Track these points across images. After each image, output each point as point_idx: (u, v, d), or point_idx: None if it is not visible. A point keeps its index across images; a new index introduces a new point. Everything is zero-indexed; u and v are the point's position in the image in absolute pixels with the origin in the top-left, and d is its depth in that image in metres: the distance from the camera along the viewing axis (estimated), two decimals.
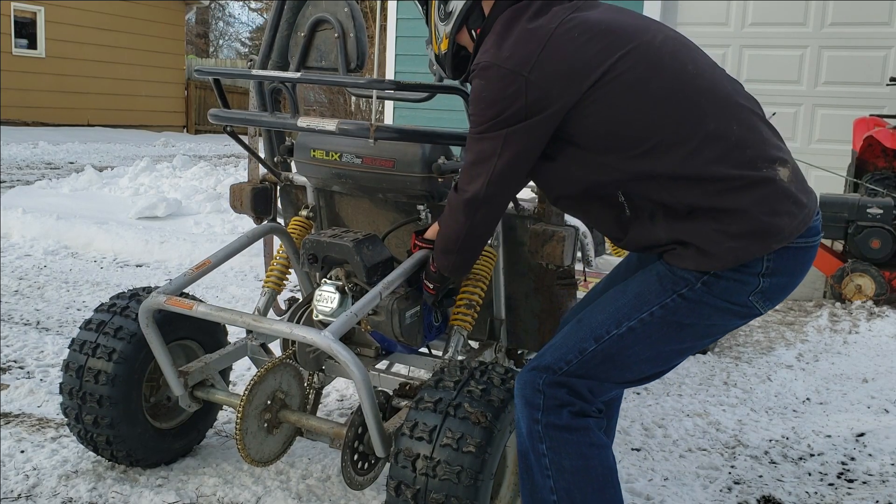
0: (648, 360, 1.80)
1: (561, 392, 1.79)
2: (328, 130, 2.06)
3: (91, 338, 2.39)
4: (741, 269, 1.69)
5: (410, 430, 1.88)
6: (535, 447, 1.81)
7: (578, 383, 1.79)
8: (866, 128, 5.70)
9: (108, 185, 8.01)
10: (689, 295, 1.73)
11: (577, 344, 1.80)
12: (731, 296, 1.72)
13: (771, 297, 1.75)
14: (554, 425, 1.78)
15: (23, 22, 16.11)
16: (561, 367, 1.79)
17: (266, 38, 2.76)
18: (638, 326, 1.76)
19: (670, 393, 3.40)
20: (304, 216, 2.75)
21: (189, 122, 19.94)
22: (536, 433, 1.79)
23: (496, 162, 1.76)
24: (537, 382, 1.80)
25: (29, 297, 4.48)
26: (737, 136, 1.68)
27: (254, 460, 2.16)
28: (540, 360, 1.83)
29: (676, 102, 1.68)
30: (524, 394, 1.82)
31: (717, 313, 1.75)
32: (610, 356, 1.78)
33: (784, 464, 2.80)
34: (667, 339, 1.77)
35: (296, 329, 2.04)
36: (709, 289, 1.72)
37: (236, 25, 39.17)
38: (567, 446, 1.78)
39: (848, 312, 4.72)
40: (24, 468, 2.50)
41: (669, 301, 1.74)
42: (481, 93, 1.74)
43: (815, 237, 1.75)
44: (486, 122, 1.74)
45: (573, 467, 1.79)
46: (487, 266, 2.42)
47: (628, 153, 1.69)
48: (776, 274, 1.71)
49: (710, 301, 1.73)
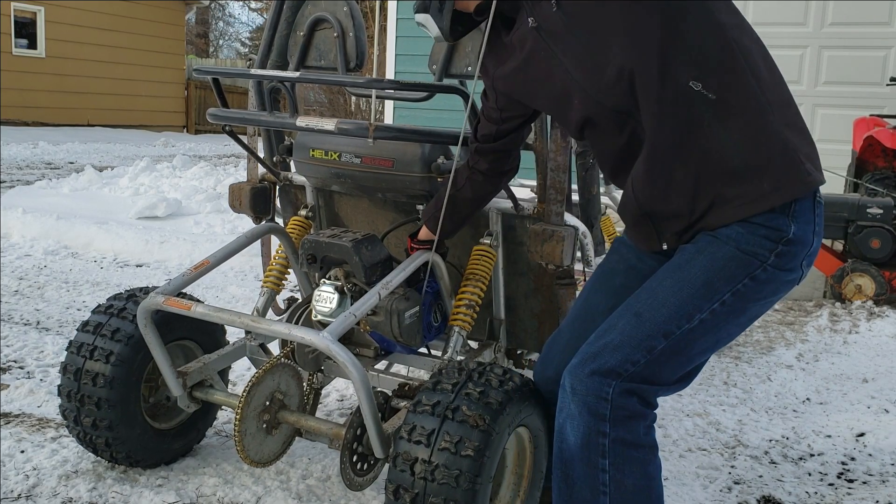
0: (708, 348, 1.70)
1: (632, 401, 1.65)
2: (327, 130, 2.05)
3: (88, 340, 2.38)
4: (805, 226, 1.64)
5: (408, 433, 1.87)
6: (591, 460, 1.66)
7: (648, 390, 1.66)
8: (866, 128, 5.70)
9: (108, 185, 8.01)
10: (761, 275, 1.63)
11: (644, 342, 1.65)
12: (793, 261, 1.65)
13: (811, 262, 1.70)
14: (623, 441, 1.64)
15: (23, 22, 16.11)
16: (627, 369, 1.64)
17: (265, 38, 2.76)
18: (709, 318, 1.64)
19: None
20: (303, 216, 2.75)
21: (189, 122, 19.95)
22: (599, 446, 1.65)
23: None
24: (605, 390, 1.63)
25: (29, 297, 4.48)
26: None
27: (253, 461, 2.16)
28: (600, 362, 1.65)
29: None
30: (587, 402, 1.65)
31: (776, 289, 1.67)
32: (678, 352, 1.66)
33: (784, 464, 2.80)
34: (729, 325, 1.68)
35: (294, 329, 2.04)
36: (780, 260, 1.63)
37: (236, 25, 39.21)
38: (633, 465, 1.66)
39: (848, 312, 4.72)
40: (24, 468, 2.50)
41: (741, 286, 1.63)
42: None
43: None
44: None
45: (635, 487, 1.66)
46: (487, 266, 2.41)
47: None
48: (819, 234, 1.68)
49: (777, 276, 1.64)
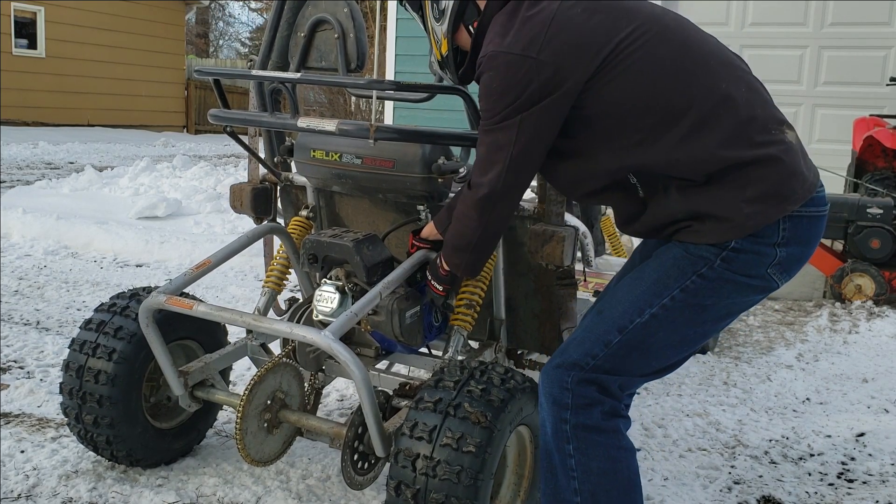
0: (673, 345, 1.78)
1: (590, 390, 1.76)
2: (328, 131, 2.06)
3: (91, 338, 2.39)
4: (758, 240, 1.69)
5: (410, 429, 1.88)
6: (560, 447, 1.77)
7: (608, 380, 1.76)
8: (866, 128, 5.70)
9: (108, 185, 8.01)
10: (709, 274, 1.71)
11: (602, 336, 1.77)
12: (749, 269, 1.71)
13: (787, 269, 1.74)
14: (583, 426, 1.75)
15: (23, 22, 16.11)
16: (588, 362, 1.76)
17: (266, 39, 2.76)
18: (660, 312, 1.74)
19: (670, 393, 3.40)
20: (304, 216, 2.75)
21: (189, 122, 19.94)
22: (563, 433, 1.76)
23: (511, 150, 1.73)
24: (565, 380, 1.76)
25: (29, 297, 4.48)
26: (745, 98, 1.70)
27: (254, 460, 2.16)
28: (564, 356, 1.80)
29: (690, 68, 1.68)
30: (551, 392, 1.78)
31: (737, 290, 1.74)
32: (635, 346, 1.75)
33: (784, 464, 2.80)
34: (690, 322, 1.76)
35: (296, 329, 2.04)
36: (728, 265, 1.70)
37: (236, 25, 39.18)
38: (595, 448, 1.76)
39: (848, 312, 4.72)
40: (24, 468, 2.50)
41: (689, 283, 1.72)
42: (491, 84, 1.71)
43: (823, 207, 1.76)
44: (499, 112, 1.72)
45: (600, 469, 1.76)
46: (487, 266, 2.42)
47: (647, 126, 1.67)
48: (791, 243, 1.71)
49: (730, 277, 1.71)
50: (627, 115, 1.68)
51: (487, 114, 1.75)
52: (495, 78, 1.70)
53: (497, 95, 1.71)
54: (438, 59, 1.98)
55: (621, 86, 1.67)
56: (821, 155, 6.53)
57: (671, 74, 1.68)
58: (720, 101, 1.67)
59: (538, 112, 1.69)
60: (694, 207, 1.69)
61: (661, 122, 1.67)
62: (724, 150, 1.66)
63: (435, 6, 1.90)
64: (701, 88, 1.68)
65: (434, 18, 1.92)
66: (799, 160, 1.73)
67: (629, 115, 1.68)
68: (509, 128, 1.72)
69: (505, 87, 1.69)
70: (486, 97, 1.74)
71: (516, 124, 1.71)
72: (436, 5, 1.90)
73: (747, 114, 1.69)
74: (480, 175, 1.81)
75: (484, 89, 1.74)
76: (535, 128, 1.71)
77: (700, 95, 1.67)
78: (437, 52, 1.97)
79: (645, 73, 1.67)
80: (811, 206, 1.72)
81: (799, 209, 1.70)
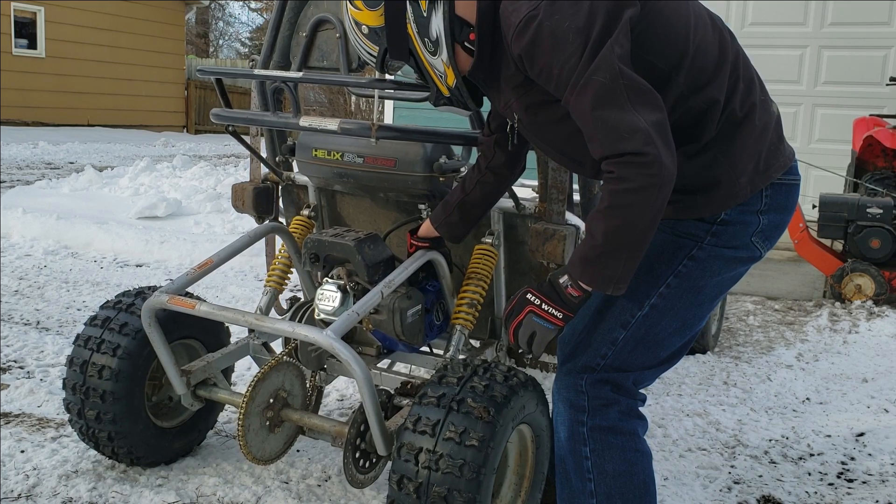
0: (676, 331, 1.79)
1: (605, 390, 1.77)
2: (330, 130, 2.06)
3: (96, 333, 2.39)
4: (745, 208, 1.71)
5: (413, 424, 1.89)
6: (575, 450, 1.78)
7: (621, 377, 1.77)
8: (866, 128, 5.71)
9: (108, 185, 8.01)
10: (699, 255, 1.73)
11: (606, 335, 1.77)
12: (735, 240, 1.73)
13: (769, 236, 1.78)
14: (600, 427, 1.76)
15: (23, 22, 16.10)
16: (598, 362, 1.77)
17: (268, 38, 2.77)
18: (659, 302, 1.75)
19: (670, 393, 3.40)
20: (305, 216, 2.76)
21: (189, 122, 19.94)
22: (580, 436, 1.77)
23: (622, 82, 1.48)
24: (579, 384, 1.77)
25: (29, 297, 4.48)
26: (744, 63, 1.72)
27: (255, 458, 2.17)
28: (573, 361, 1.80)
29: (704, 26, 1.68)
30: (567, 397, 1.79)
31: (726, 265, 1.76)
32: (641, 338, 1.76)
33: (784, 463, 2.80)
34: (688, 304, 1.77)
35: (298, 328, 2.05)
36: (717, 239, 1.72)
37: (236, 25, 39.16)
38: (612, 450, 1.76)
39: (848, 312, 4.72)
40: (24, 468, 2.50)
41: (682, 267, 1.74)
42: (556, 31, 1.50)
43: (798, 176, 1.81)
44: (585, 49, 1.50)
45: (616, 471, 1.76)
46: (489, 265, 2.42)
47: (676, 74, 1.61)
48: (772, 210, 1.74)
49: (719, 253, 1.73)
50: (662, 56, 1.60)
51: (566, 68, 1.51)
52: (560, 22, 1.49)
53: (573, 33, 1.50)
54: (447, 94, 1.80)
55: (650, 33, 1.59)
56: (821, 155, 6.56)
57: (692, 30, 1.66)
58: (730, 61, 1.68)
59: (620, 34, 1.50)
60: (684, 181, 1.63)
61: (685, 71, 1.62)
62: (724, 97, 1.66)
63: (427, 42, 1.71)
64: (716, 46, 1.68)
65: (429, 54, 1.73)
66: (782, 128, 1.78)
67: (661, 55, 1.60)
68: (605, 63, 1.47)
69: (565, 29, 1.50)
70: (556, 50, 1.51)
71: (609, 54, 1.48)
72: (427, 41, 1.71)
73: (745, 74, 1.71)
74: (616, 142, 1.48)
75: (549, 44, 1.52)
76: (625, 53, 1.51)
77: (714, 53, 1.67)
78: (444, 87, 1.79)
79: (669, 24, 1.61)
80: (788, 175, 1.77)
81: (780, 177, 1.75)
